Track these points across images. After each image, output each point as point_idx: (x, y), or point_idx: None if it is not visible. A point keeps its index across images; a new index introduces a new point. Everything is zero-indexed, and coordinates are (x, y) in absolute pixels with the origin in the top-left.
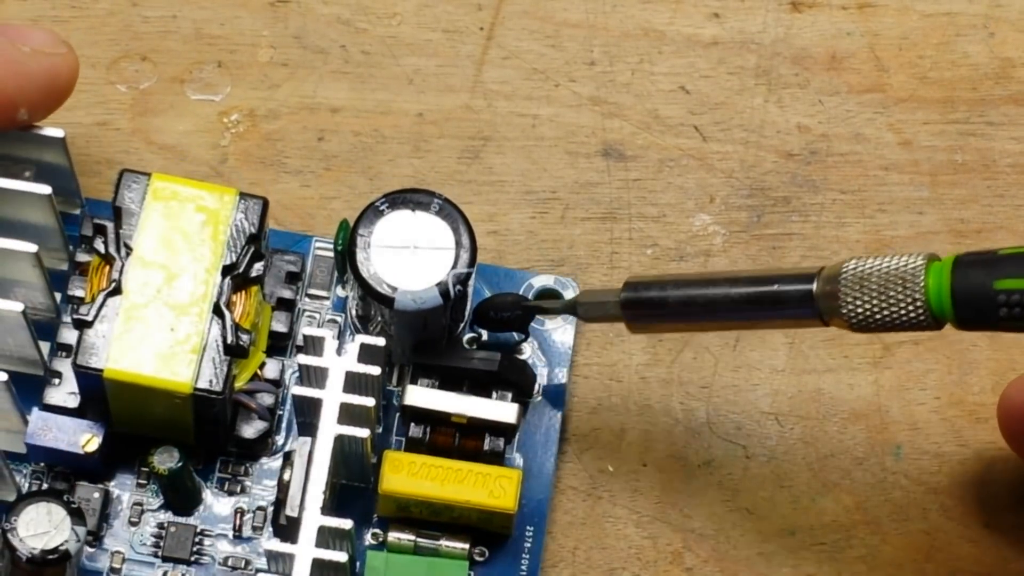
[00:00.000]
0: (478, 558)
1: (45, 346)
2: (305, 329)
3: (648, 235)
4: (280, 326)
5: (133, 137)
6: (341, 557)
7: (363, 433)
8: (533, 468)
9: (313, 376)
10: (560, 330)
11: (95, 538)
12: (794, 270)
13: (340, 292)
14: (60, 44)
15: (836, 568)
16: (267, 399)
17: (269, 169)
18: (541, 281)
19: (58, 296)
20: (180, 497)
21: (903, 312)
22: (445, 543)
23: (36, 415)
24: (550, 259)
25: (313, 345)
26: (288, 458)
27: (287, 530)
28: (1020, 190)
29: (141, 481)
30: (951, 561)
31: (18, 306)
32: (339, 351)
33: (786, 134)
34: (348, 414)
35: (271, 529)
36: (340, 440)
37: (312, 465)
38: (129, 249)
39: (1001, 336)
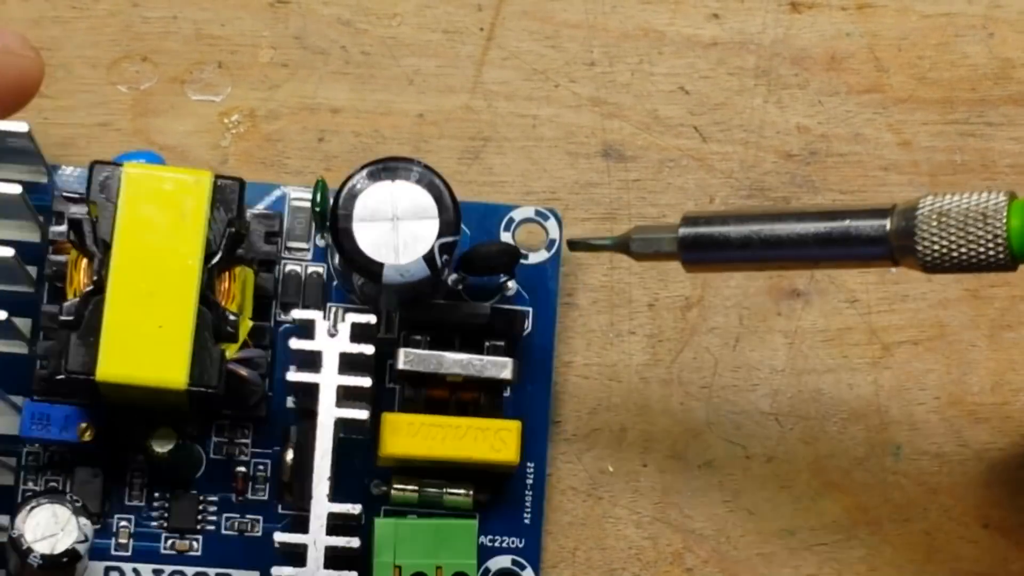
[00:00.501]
0: (481, 499)
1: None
2: (295, 312)
3: None
4: (265, 285)
5: (134, 138)
6: (353, 543)
7: (363, 414)
8: (525, 399)
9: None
10: (545, 266)
11: (99, 517)
12: (866, 206)
13: (319, 242)
14: (29, 48)
15: (836, 568)
16: (258, 361)
17: (270, 170)
18: (522, 213)
19: (33, 269)
20: (181, 470)
21: (982, 250)
22: (448, 491)
23: (28, 407)
24: None
25: (304, 328)
26: (287, 436)
27: (292, 503)
28: (1020, 190)
29: (139, 460)
30: (951, 561)
31: (8, 251)
32: (331, 330)
33: (786, 134)
34: (346, 393)
35: (275, 496)
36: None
37: (316, 453)
38: (108, 245)
39: (1001, 336)
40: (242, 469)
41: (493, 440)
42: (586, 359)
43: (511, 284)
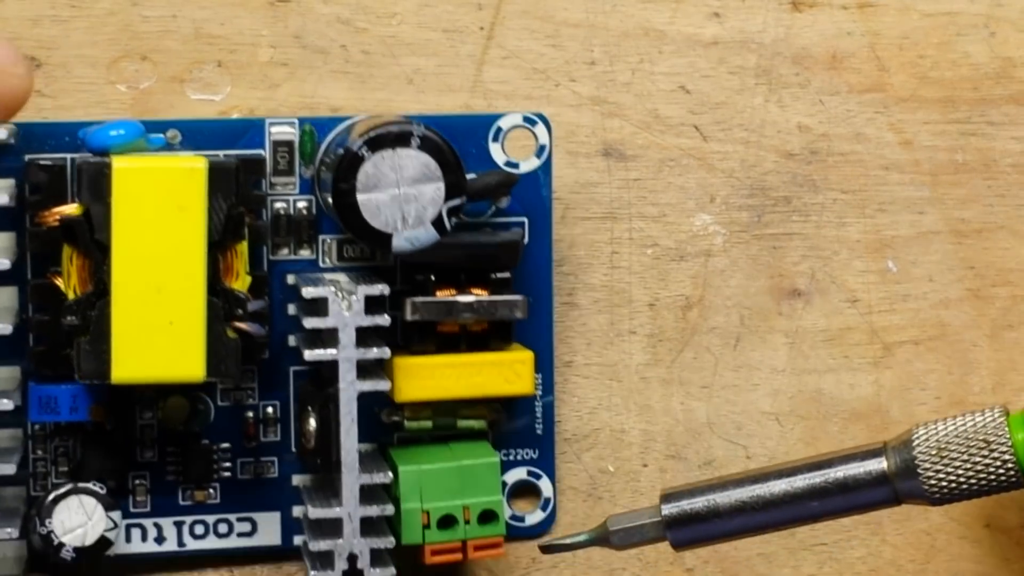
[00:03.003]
0: (494, 418)
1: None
2: (305, 291)
3: (648, 235)
4: (259, 231)
5: None
6: (387, 510)
7: (385, 385)
8: (530, 327)
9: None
10: (536, 174)
11: (116, 482)
12: (853, 450)
13: (305, 174)
14: (20, 63)
15: (837, 568)
16: (261, 313)
17: None
18: (509, 121)
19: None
20: (194, 427)
21: (992, 477)
22: (461, 417)
23: (34, 391)
24: None
25: (317, 305)
26: (304, 400)
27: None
28: (1021, 190)
29: (148, 418)
30: (951, 562)
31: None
32: (345, 307)
33: (787, 134)
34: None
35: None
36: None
37: (342, 428)
38: (107, 245)
39: (1002, 335)
40: (250, 414)
41: (507, 373)
42: (586, 359)
43: (505, 199)
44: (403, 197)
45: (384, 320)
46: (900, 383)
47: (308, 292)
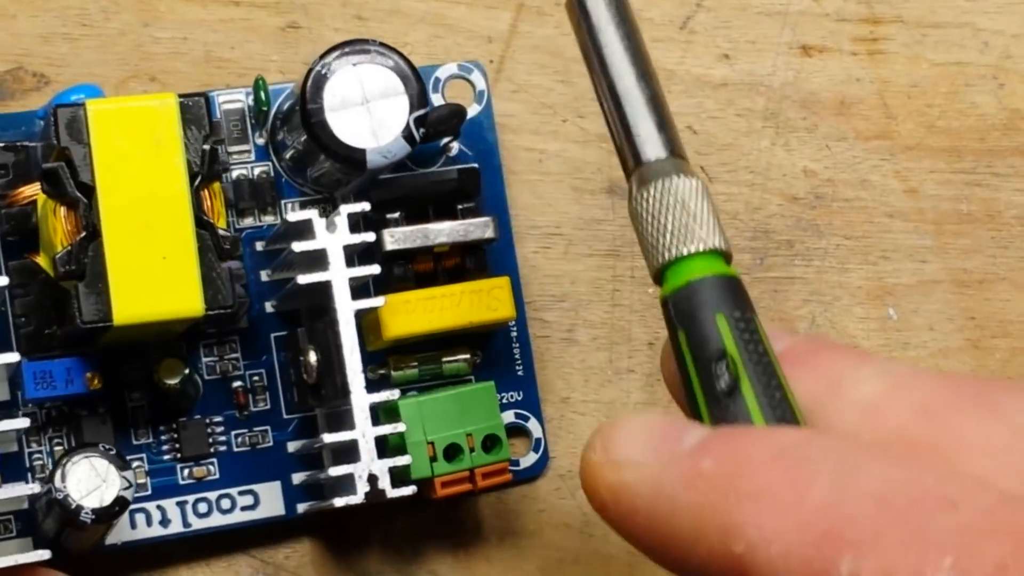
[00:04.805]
0: (475, 362)
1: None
2: (290, 215)
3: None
4: (227, 195)
5: None
6: (400, 427)
7: (380, 301)
8: (489, 255)
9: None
10: (480, 119)
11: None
12: (642, 140)
13: (259, 141)
14: None
15: None
16: (238, 274)
17: None
18: (446, 71)
19: None
20: (185, 398)
21: (650, 240)
22: (445, 360)
23: (28, 368)
24: (551, 294)
25: (301, 229)
26: (295, 341)
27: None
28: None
29: (136, 398)
30: None
31: None
32: (328, 227)
33: (792, 178)
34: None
35: (286, 399)
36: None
37: (344, 349)
38: (91, 187)
39: None
40: (239, 384)
41: (488, 300)
42: (584, 396)
43: (454, 145)
44: (370, 112)
45: (369, 236)
46: None
47: (293, 216)
